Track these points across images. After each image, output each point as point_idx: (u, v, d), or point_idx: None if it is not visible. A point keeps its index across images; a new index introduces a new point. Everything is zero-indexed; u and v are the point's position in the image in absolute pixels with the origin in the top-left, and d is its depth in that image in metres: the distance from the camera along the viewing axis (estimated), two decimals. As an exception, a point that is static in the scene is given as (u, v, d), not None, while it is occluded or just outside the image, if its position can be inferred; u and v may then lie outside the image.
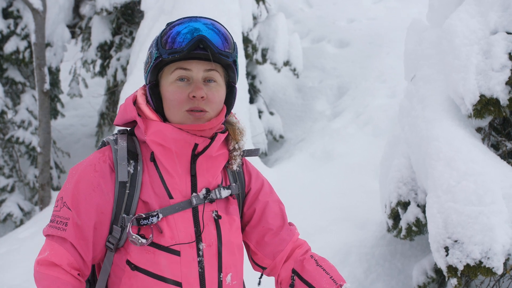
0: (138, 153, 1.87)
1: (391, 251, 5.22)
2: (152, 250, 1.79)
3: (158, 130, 1.81)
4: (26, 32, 10.59)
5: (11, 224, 10.45)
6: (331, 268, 1.96)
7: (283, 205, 2.11)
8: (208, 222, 1.86)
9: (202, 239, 1.84)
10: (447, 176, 3.70)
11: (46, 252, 1.79)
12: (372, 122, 8.64)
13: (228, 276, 1.89)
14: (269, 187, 2.10)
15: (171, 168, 1.84)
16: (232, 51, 1.83)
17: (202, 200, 1.85)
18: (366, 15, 11.92)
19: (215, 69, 1.83)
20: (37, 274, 1.79)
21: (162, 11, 7.87)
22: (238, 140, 1.94)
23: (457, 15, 4.18)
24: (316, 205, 6.72)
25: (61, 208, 1.81)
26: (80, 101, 13.21)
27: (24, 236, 7.71)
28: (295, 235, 2.05)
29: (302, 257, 2.00)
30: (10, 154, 11.15)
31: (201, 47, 1.77)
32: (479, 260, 3.41)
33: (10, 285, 5.77)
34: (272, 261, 2.01)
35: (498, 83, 3.79)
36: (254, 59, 9.78)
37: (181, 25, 1.80)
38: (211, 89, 1.82)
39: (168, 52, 1.77)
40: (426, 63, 4.56)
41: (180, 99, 1.80)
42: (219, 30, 1.82)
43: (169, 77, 1.82)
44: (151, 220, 1.78)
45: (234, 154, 1.94)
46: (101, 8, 10.05)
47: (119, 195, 1.82)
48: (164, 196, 1.83)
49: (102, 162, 1.84)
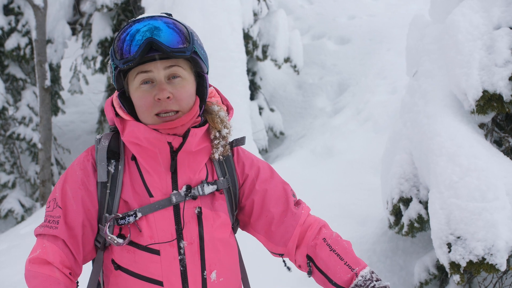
0: (120, 152, 1.86)
1: (392, 248, 5.21)
2: (132, 249, 1.79)
3: (132, 130, 1.80)
4: (27, 29, 10.59)
5: (12, 220, 10.46)
6: (346, 251, 1.87)
7: (287, 185, 2.03)
8: (190, 219, 1.83)
9: (183, 237, 1.81)
10: (450, 172, 3.69)
11: (38, 250, 1.78)
12: (373, 119, 8.64)
13: (213, 273, 1.85)
14: (268, 172, 2.02)
15: (149, 166, 1.82)
16: (188, 44, 1.76)
17: (183, 197, 1.82)
18: (367, 11, 11.92)
19: (176, 64, 1.79)
20: (28, 272, 1.77)
21: (162, 7, 7.85)
22: (218, 129, 1.88)
23: (460, 10, 4.16)
24: (316, 201, 6.67)
25: (54, 208, 1.82)
26: (80, 98, 13.20)
27: (25, 232, 7.71)
28: (301, 217, 1.96)
29: (314, 242, 1.92)
30: (11, 151, 11.16)
31: (154, 48, 1.73)
32: (482, 257, 3.40)
33: (11, 281, 5.76)
34: (285, 248, 1.96)
35: (502, 79, 3.78)
36: (254, 56, 9.77)
37: (138, 24, 1.76)
38: (175, 86, 1.78)
39: (122, 62, 1.74)
40: (428, 59, 4.54)
41: (147, 104, 1.77)
42: (174, 26, 1.77)
43: (133, 83, 1.80)
44: (127, 219, 1.77)
45: (215, 143, 1.89)
46: (102, 4, 10.04)
47: (101, 194, 1.82)
48: (144, 195, 1.82)
49: (86, 161, 1.86)
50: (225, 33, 7.70)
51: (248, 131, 7.69)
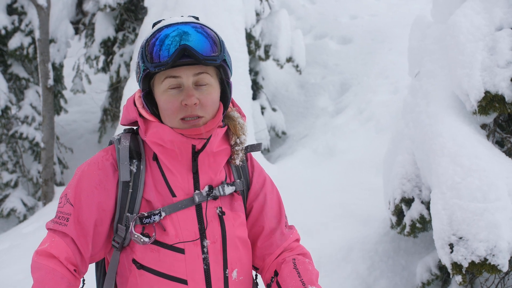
0: (142, 152, 1.88)
1: (394, 248, 5.21)
2: (157, 248, 1.80)
3: (156, 131, 1.81)
4: (30, 28, 10.60)
5: (14, 219, 10.47)
6: (307, 272, 1.89)
7: (283, 207, 2.07)
8: (212, 218, 1.86)
9: (206, 236, 1.84)
10: (452, 172, 3.70)
11: (46, 243, 1.80)
12: (375, 118, 8.64)
13: (234, 271, 1.89)
14: (270, 186, 2.07)
15: (173, 166, 1.84)
16: (219, 53, 1.79)
17: (205, 197, 1.85)
18: (368, 11, 11.92)
19: (205, 72, 1.81)
20: (34, 263, 1.79)
21: (165, 7, 7.86)
22: (239, 135, 1.92)
23: (462, 11, 4.17)
24: (318, 201, 6.72)
25: (64, 204, 1.84)
26: (83, 97, 13.21)
27: (27, 232, 7.72)
28: (287, 241, 2.00)
29: (283, 259, 1.96)
30: (13, 150, 11.16)
31: (186, 54, 1.74)
32: (484, 257, 3.40)
33: (13, 280, 5.77)
34: (262, 263, 2.00)
35: (503, 80, 3.78)
36: (257, 56, 9.77)
37: (162, 32, 1.76)
38: (203, 92, 1.80)
39: (153, 66, 1.75)
40: (430, 59, 4.55)
41: (173, 108, 1.79)
42: (203, 32, 1.78)
43: (160, 86, 1.81)
44: (153, 218, 1.79)
45: (236, 149, 1.92)
46: (105, 4, 10.05)
47: (122, 194, 1.83)
48: (167, 195, 1.84)
49: (106, 160, 1.86)
50: (228, 33, 7.72)
51: (250, 131, 7.71)
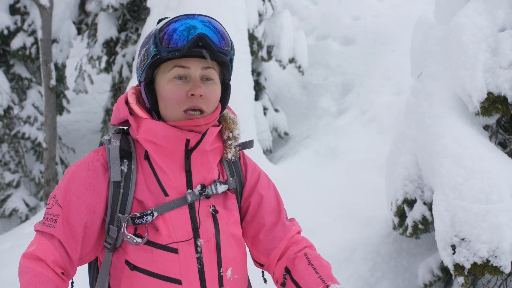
0: (132, 152, 1.85)
1: (396, 249, 5.21)
2: (150, 249, 1.78)
3: (149, 128, 1.80)
4: (32, 29, 10.62)
5: (16, 219, 10.49)
6: (323, 267, 1.89)
7: (281, 200, 2.06)
8: (205, 217, 1.84)
9: (200, 235, 1.82)
10: (454, 173, 3.69)
11: (34, 246, 1.78)
12: (377, 119, 8.64)
13: (229, 270, 1.87)
14: (266, 180, 2.06)
15: (165, 165, 1.82)
16: (230, 49, 1.82)
17: (197, 196, 1.83)
18: (371, 12, 11.92)
19: (212, 67, 1.82)
20: (21, 267, 1.77)
21: (168, 7, 7.87)
22: (231, 129, 1.92)
23: (464, 12, 4.16)
24: (320, 202, 6.71)
25: (53, 205, 1.81)
26: (85, 97, 13.24)
27: (29, 232, 7.73)
28: (290, 232, 1.99)
29: (295, 255, 1.94)
30: (16, 150, 11.18)
31: (200, 45, 1.76)
32: (487, 259, 3.39)
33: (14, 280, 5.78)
34: (267, 258, 1.99)
35: (506, 81, 3.77)
36: (259, 56, 9.78)
37: (177, 22, 1.77)
38: (208, 87, 1.81)
39: (167, 50, 1.75)
40: (433, 60, 4.54)
41: (179, 97, 1.78)
42: (216, 28, 1.80)
43: (167, 75, 1.80)
44: (145, 219, 1.76)
45: (228, 143, 1.92)
46: (107, 4, 10.06)
47: (113, 194, 1.81)
48: (159, 194, 1.82)
49: (96, 161, 1.84)
50: (230, 33, 7.65)
51: (252, 132, 7.71)
